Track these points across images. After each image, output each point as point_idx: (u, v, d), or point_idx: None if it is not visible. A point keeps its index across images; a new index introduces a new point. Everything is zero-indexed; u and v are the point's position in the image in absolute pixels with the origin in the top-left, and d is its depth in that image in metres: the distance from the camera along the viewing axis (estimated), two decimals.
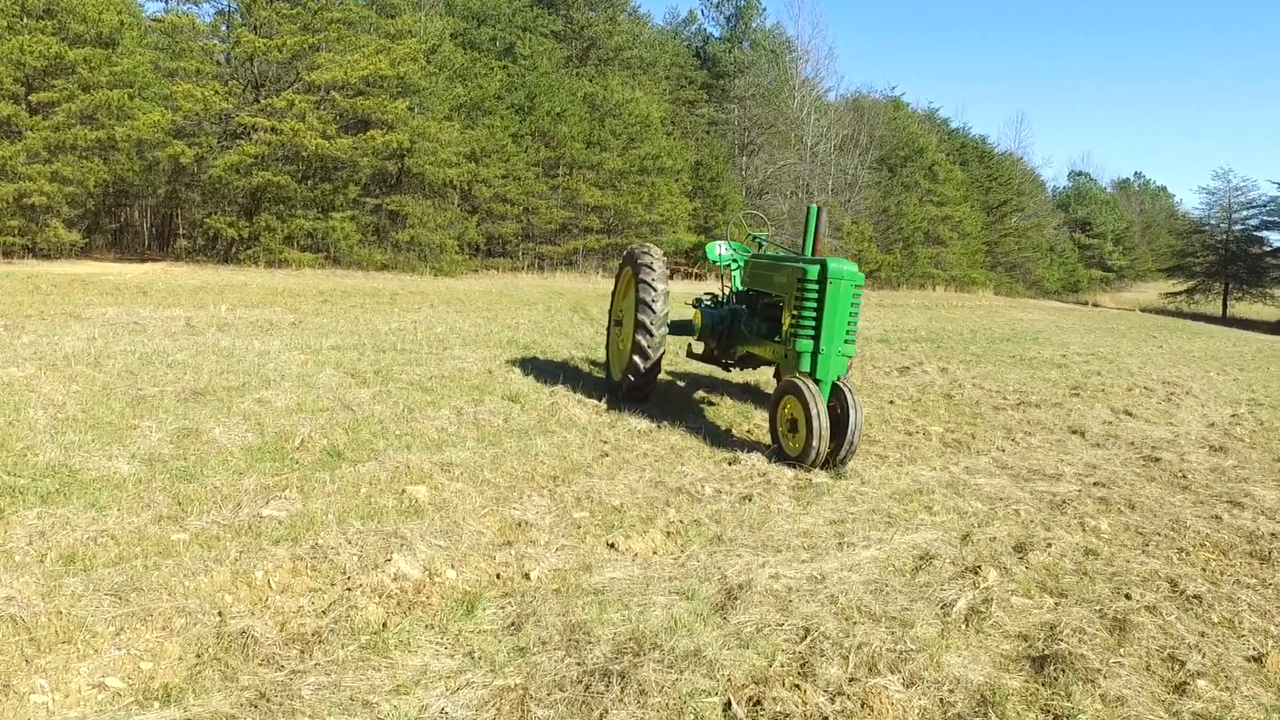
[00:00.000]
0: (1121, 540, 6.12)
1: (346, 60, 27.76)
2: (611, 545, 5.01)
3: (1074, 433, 10.11)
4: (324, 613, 3.86)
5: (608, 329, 10.13)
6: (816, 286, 7.22)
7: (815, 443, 6.85)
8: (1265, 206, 66.64)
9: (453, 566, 4.44)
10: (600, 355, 12.59)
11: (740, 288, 9.42)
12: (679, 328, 9.44)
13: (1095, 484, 7.67)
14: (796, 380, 7.20)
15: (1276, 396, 16.07)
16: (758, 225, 10.89)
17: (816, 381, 7.22)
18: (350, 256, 28.67)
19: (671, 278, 10.16)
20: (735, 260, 9.79)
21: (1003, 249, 60.37)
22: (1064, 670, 3.95)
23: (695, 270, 40.80)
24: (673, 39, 51.07)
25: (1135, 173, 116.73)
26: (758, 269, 8.61)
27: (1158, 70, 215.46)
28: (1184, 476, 8.43)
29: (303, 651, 3.55)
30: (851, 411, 7.06)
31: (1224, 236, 67.89)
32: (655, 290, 8.67)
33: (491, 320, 16.50)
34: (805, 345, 7.23)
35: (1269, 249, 67.45)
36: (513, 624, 3.92)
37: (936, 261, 52.13)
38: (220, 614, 3.79)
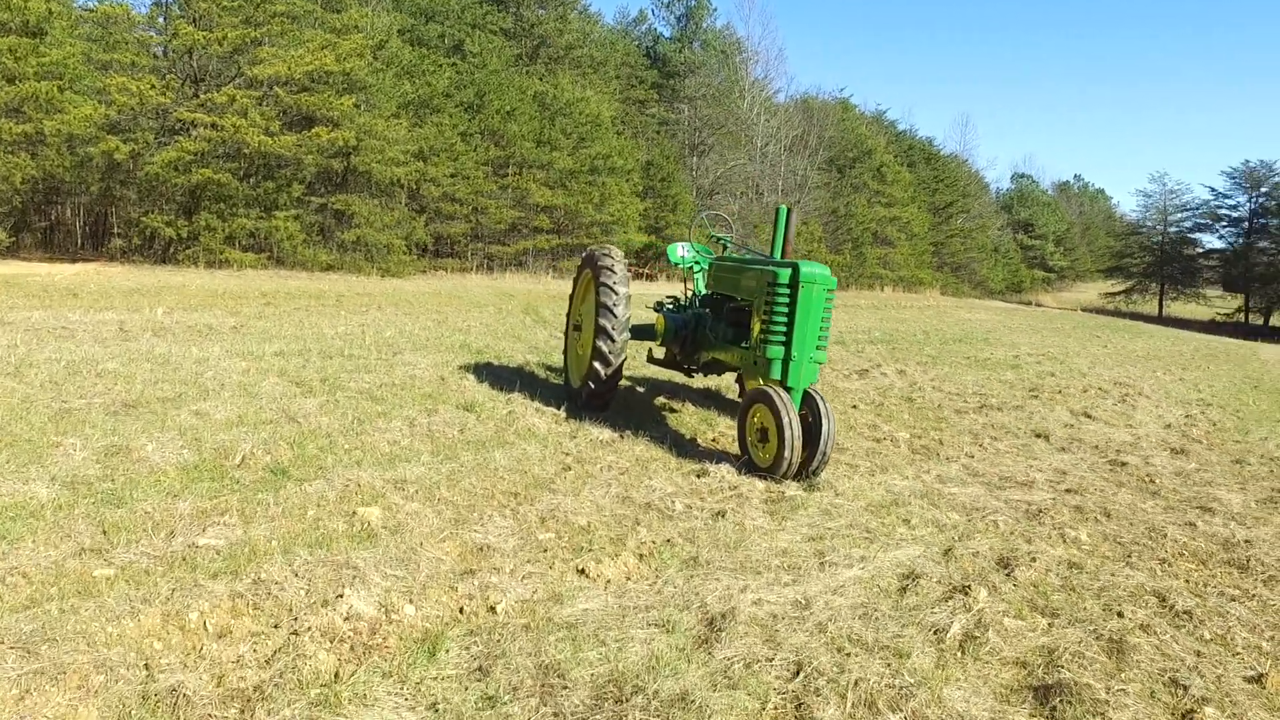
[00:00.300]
0: (1103, 551, 5.94)
1: (290, 55, 26.94)
2: (582, 571, 4.66)
3: (1038, 436, 9.99)
4: (267, 662, 3.45)
5: (565, 334, 9.77)
6: (788, 290, 6.95)
7: (787, 453, 6.58)
8: (1198, 209, 68.46)
9: (411, 601, 4.05)
10: (556, 360, 12.22)
11: (704, 291, 9.12)
12: (640, 332, 9.11)
13: (1068, 491, 7.52)
14: (767, 388, 6.92)
15: (1222, 397, 16.25)
16: (721, 226, 10.60)
17: (788, 389, 6.95)
18: (294, 257, 27.85)
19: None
20: (698, 262, 9.49)
21: (949, 249, 61.13)
22: (1069, 702, 3.71)
23: (646, 271, 40.54)
24: (623, 38, 50.75)
25: (1075, 175, 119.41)
26: (723, 271, 8.31)
27: (1096, 75, 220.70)
28: (1152, 481, 8.33)
29: (243, 711, 3.15)
30: (824, 420, 6.80)
31: (1160, 238, 69.57)
32: (617, 294, 8.33)
33: (442, 323, 16.02)
34: (776, 352, 6.95)
35: (1201, 250, 69.29)
36: (480, 668, 3.56)
37: (885, 262, 52.58)
38: (147, 667, 3.35)
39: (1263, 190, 64.14)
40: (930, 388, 13.01)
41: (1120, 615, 4.76)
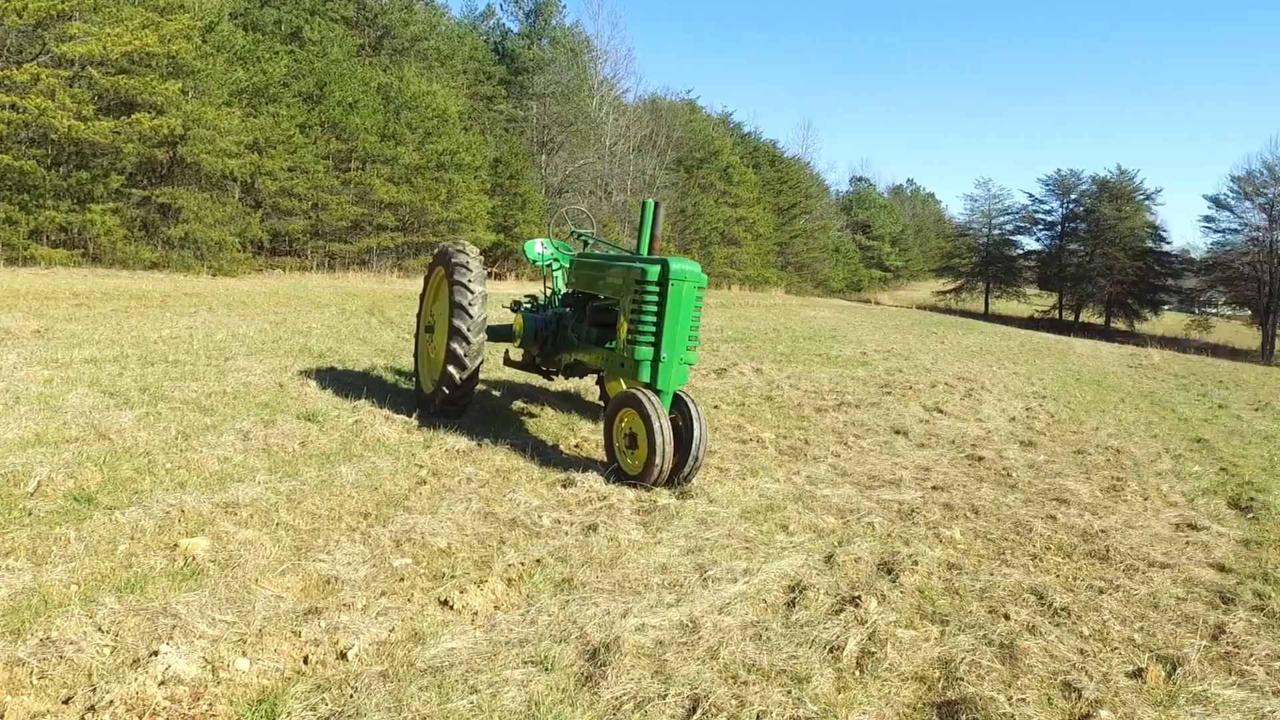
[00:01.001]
0: (978, 550, 5.90)
1: (106, 33, 24.75)
2: (445, 603, 4.17)
3: (898, 433, 10.08)
4: None
5: (416, 336, 9.15)
6: (657, 288, 6.61)
7: (658, 460, 6.26)
8: (1018, 213, 73.16)
9: (244, 653, 3.45)
10: (405, 363, 11.54)
11: (564, 289, 8.71)
12: (497, 333, 8.61)
13: (934, 488, 7.52)
14: (635, 391, 6.58)
15: (1053, 389, 17.11)
16: (582, 223, 10.21)
17: (657, 392, 6.63)
18: (113, 254, 25.69)
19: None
20: (558, 260, 9.06)
21: (792, 249, 62.90)
22: (975, 718, 3.52)
23: (495, 270, 39.73)
24: (471, 32, 49.62)
25: (908, 179, 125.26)
26: (586, 269, 7.91)
27: (927, 85, 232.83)
28: (1008, 474, 8.49)
29: None
30: (696, 424, 6.51)
31: (985, 240, 73.87)
32: (472, 293, 7.81)
33: (280, 325, 14.97)
34: (645, 353, 6.61)
35: (1021, 252, 74.02)
36: None
37: (732, 261, 53.55)
38: None
39: (1072, 197, 69.07)
40: (788, 386, 13.04)
41: (1006, 617, 4.66)
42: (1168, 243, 68.10)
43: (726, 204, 54.34)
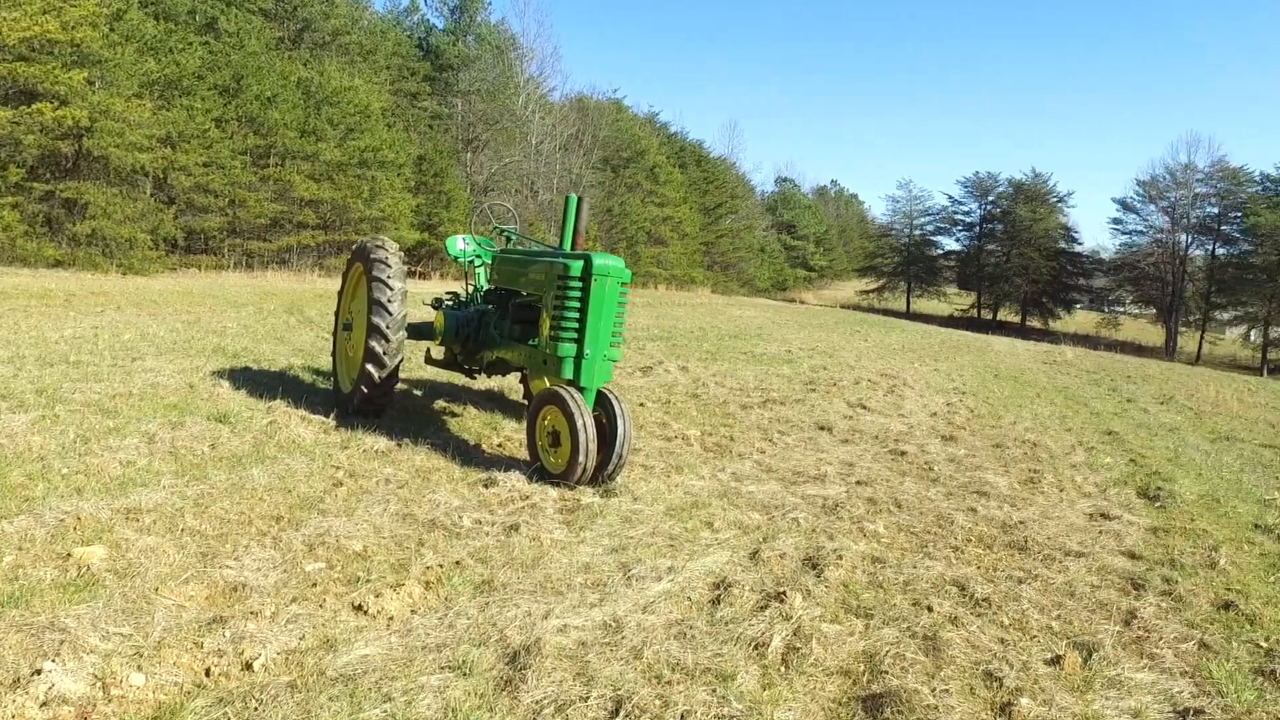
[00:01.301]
0: (901, 544, 5.94)
1: (2, 17, 23.60)
2: (359, 608, 4.01)
3: (822, 429, 10.16)
4: None
5: (334, 334, 8.89)
6: (580, 283, 6.51)
7: (582, 458, 6.16)
8: (938, 214, 74.93)
9: (140, 667, 3.24)
10: (324, 363, 11.22)
11: (487, 286, 8.54)
12: (417, 331, 8.40)
13: (859, 483, 7.58)
14: (558, 388, 6.47)
15: (973, 385, 17.50)
16: (505, 218, 10.06)
17: (580, 389, 6.53)
18: (13, 251, 24.50)
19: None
20: (480, 256, 8.89)
21: (719, 249, 63.28)
22: (899, 711, 3.51)
23: (420, 269, 39.13)
24: (394, 28, 48.70)
25: (831, 180, 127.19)
26: (508, 265, 7.77)
27: (848, 88, 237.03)
28: (930, 469, 8.61)
29: None
30: (619, 421, 6.43)
31: (906, 240, 75.47)
32: (391, 289, 7.60)
33: (193, 325, 14.45)
34: (568, 349, 6.51)
35: (941, 252, 75.81)
36: None
37: (659, 261, 53.65)
38: None
39: (990, 198, 70.98)
40: (714, 384, 13.05)
41: (929, 609, 4.69)
42: (1079, 244, 70.54)
43: (653, 203, 54.38)
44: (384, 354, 7.52)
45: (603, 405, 6.59)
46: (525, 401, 9.30)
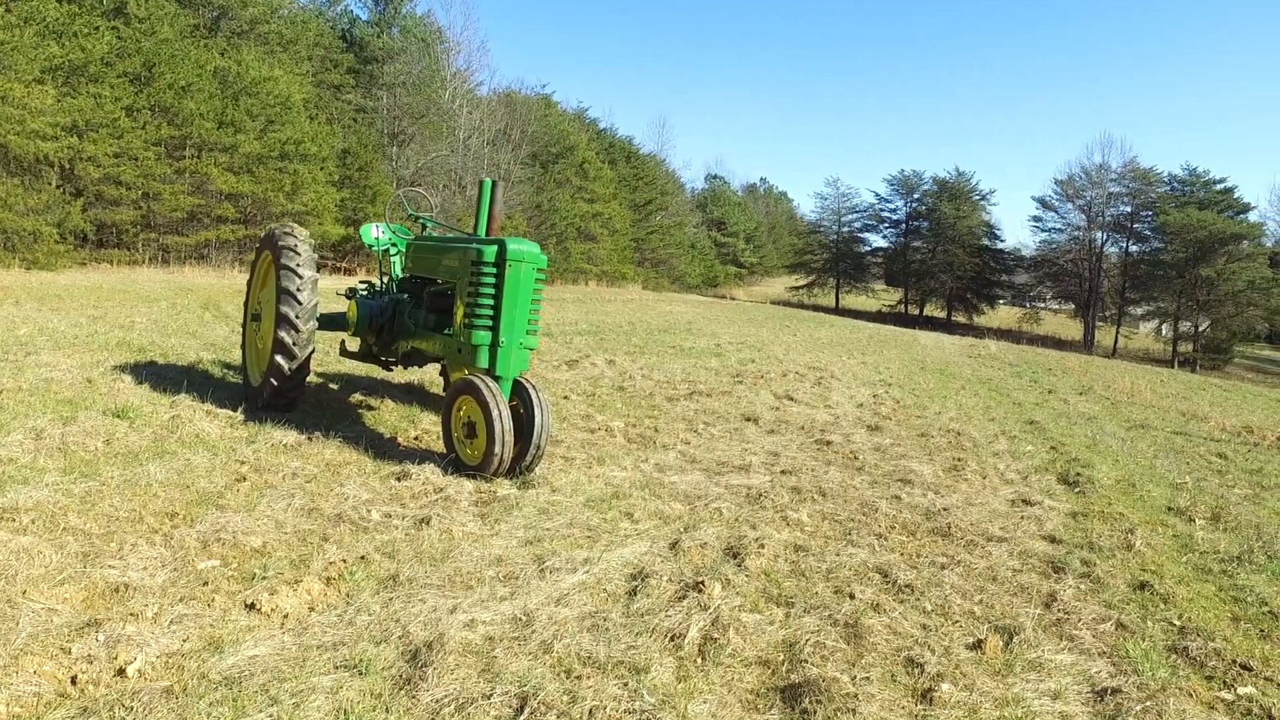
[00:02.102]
0: (825, 532, 5.87)
1: None
2: (252, 606, 3.76)
3: (749, 420, 10.10)
4: None
5: (244, 325, 8.53)
6: (494, 269, 6.30)
7: (498, 449, 5.96)
8: (866, 211, 76.01)
9: None
10: (237, 357, 10.80)
11: (402, 274, 8.27)
12: (330, 322, 8.09)
13: (783, 472, 7.51)
14: (473, 378, 6.26)
15: (899, 377, 17.69)
16: (420, 205, 9.77)
17: (496, 378, 6.33)
18: None
19: (319, 272, 8.76)
20: (395, 244, 8.61)
21: (649, 245, 63.25)
22: (819, 700, 3.40)
23: (345, 265, 38.28)
24: (316, 18, 47.52)
25: (761, 178, 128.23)
26: (422, 252, 7.51)
27: (778, 86, 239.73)
28: (855, 458, 8.59)
29: None
30: (537, 411, 6.25)
31: (835, 237, 76.40)
32: (301, 277, 7.30)
33: (99, 320, 13.81)
34: (482, 337, 6.30)
35: (869, 249, 76.92)
36: None
37: (589, 257, 53.41)
38: None
39: (915, 196, 72.25)
40: (640, 376, 12.93)
41: (851, 597, 4.60)
42: (1002, 241, 72.20)
43: (583, 199, 54.08)
44: (293, 345, 7.21)
45: (520, 395, 6.40)
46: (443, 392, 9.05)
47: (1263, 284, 53.35)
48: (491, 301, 6.29)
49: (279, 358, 7.23)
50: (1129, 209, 61.35)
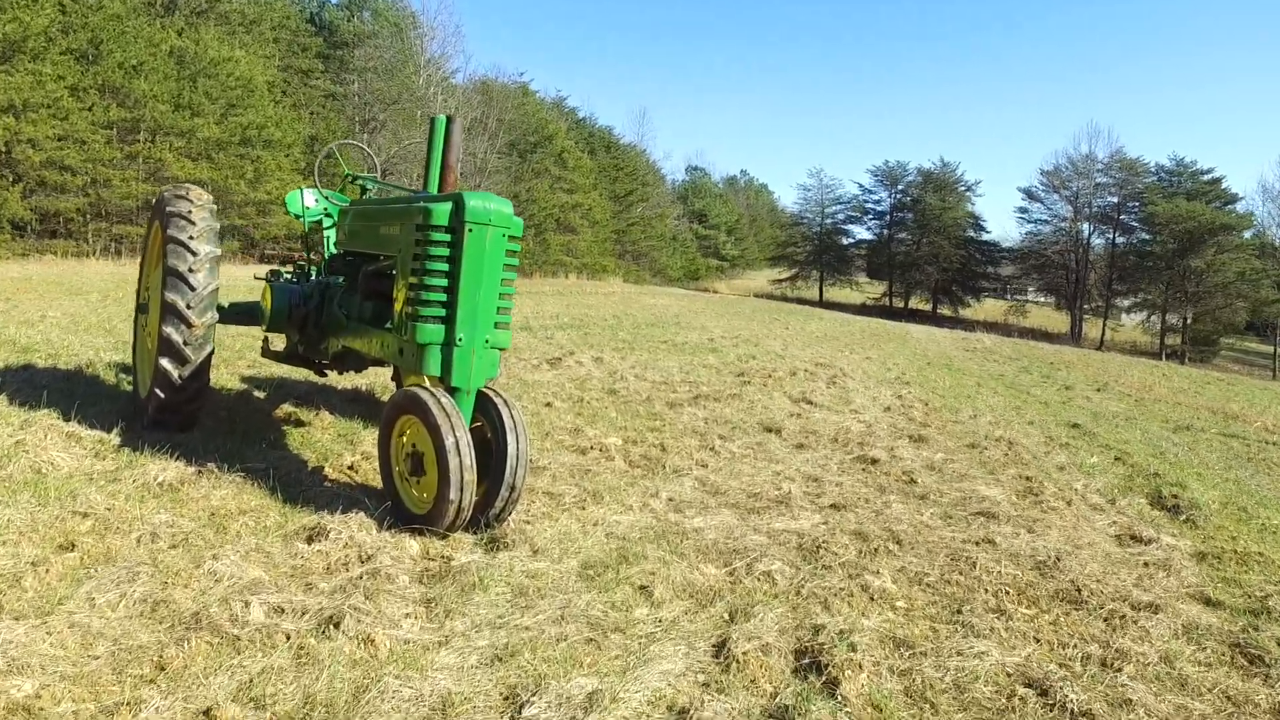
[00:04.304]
0: (924, 608, 4.11)
1: None
2: None
3: (769, 431, 8.34)
4: None
5: (135, 319, 6.67)
6: (447, 235, 4.45)
7: (453, 494, 4.13)
8: (849, 203, 74.44)
9: None
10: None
11: (336, 251, 6.39)
12: (242, 314, 6.23)
13: (834, 507, 5.75)
14: (419, 390, 4.43)
15: (912, 375, 16.03)
16: (360, 162, 7.90)
17: (452, 390, 4.50)
18: None
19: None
20: (331, 214, 6.76)
21: (630, 238, 61.52)
22: None
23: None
24: None
25: (741, 170, 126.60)
26: (358, 220, 5.61)
27: (758, 79, 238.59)
28: (912, 481, 6.87)
29: None
30: (510, 437, 4.41)
31: (818, 229, 74.84)
32: (195, 254, 5.45)
33: (3, 314, 11.85)
34: (431, 333, 4.44)
35: (853, 241, 75.43)
36: None
37: (569, 249, 51.63)
38: None
39: (899, 187, 70.84)
40: (634, 377, 11.13)
41: None
42: (987, 232, 70.88)
43: (562, 190, 52.16)
44: (184, 344, 5.37)
45: (486, 413, 4.57)
46: None
47: (1253, 275, 52.22)
48: (444, 282, 4.44)
49: (165, 361, 5.39)
50: (1115, 200, 60.19)
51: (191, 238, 5.46)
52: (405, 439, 4.46)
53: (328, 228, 6.69)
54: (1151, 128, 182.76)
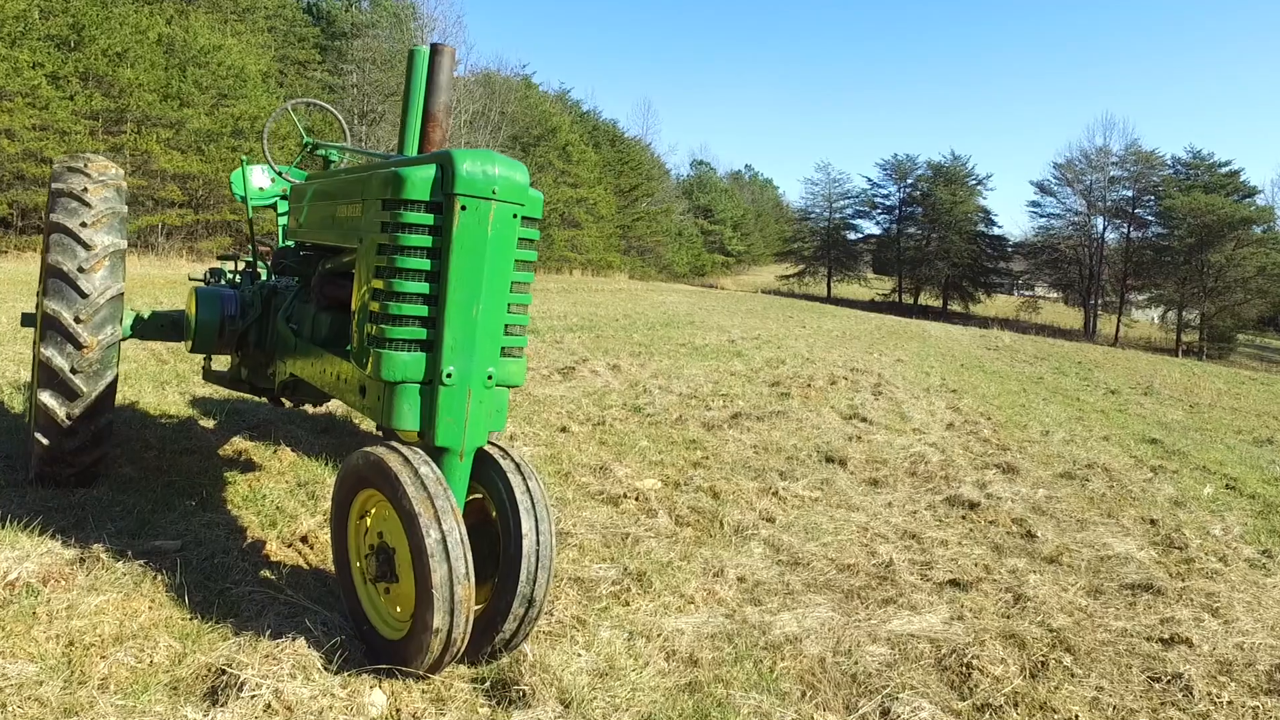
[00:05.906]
0: None
1: None
2: None
3: (832, 461, 6.87)
4: None
5: (34, 340, 5.20)
6: (429, 216, 2.89)
7: (439, 619, 2.64)
8: (858, 197, 72.89)
9: None
10: None
11: (288, 242, 4.88)
12: (160, 326, 4.71)
13: (954, 584, 4.28)
14: (387, 453, 2.88)
15: (953, 380, 14.63)
16: (328, 133, 6.39)
17: (437, 453, 2.96)
18: None
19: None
20: (286, 196, 5.27)
21: (635, 233, 60.16)
22: None
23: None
24: None
25: (746, 165, 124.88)
26: (318, 199, 3.98)
27: (762, 74, 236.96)
28: (1030, 535, 5.42)
29: None
30: (527, 521, 2.90)
31: (826, 224, 73.34)
32: (89, 247, 3.99)
33: None
34: (404, 365, 2.90)
35: (861, 236, 73.91)
36: None
37: (573, 244, 50.31)
38: None
39: (909, 181, 69.32)
40: (658, 390, 9.67)
41: None
42: (998, 226, 69.42)
43: (566, 184, 50.73)
44: (72, 371, 3.90)
45: (489, 482, 3.07)
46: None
47: (1274, 270, 50.66)
48: (425, 288, 2.90)
49: (47, 396, 3.92)
50: (1130, 193, 58.59)
51: (84, 224, 3.99)
52: (368, 522, 2.97)
53: (283, 213, 5.19)
54: (1167, 120, 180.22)
